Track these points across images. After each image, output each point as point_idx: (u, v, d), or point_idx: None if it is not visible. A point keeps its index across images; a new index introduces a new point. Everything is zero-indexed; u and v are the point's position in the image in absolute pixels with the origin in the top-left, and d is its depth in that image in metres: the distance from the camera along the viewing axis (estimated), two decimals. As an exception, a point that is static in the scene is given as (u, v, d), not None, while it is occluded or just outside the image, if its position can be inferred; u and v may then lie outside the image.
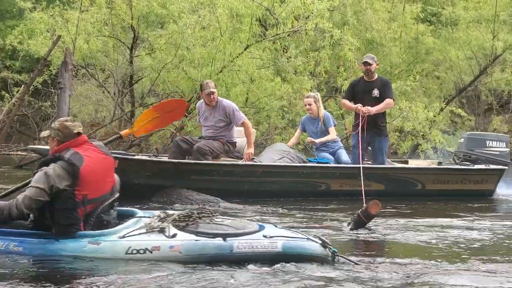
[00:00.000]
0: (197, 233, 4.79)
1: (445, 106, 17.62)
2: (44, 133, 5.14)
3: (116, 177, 5.19)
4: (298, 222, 7.21)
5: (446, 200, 9.43)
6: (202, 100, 9.40)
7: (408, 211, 8.58)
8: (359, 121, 9.43)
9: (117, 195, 5.14)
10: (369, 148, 9.93)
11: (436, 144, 14.33)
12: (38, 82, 15.75)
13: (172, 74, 13.96)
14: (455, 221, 7.54)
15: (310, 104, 9.90)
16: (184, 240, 4.76)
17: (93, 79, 16.57)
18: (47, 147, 9.35)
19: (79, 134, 4.98)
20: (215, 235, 4.77)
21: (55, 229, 4.82)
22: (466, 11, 19.13)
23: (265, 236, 4.79)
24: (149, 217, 5.03)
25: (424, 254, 5.51)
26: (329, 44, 14.62)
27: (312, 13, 13.86)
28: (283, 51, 15.46)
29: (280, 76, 15.05)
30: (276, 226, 5.10)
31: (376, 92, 9.54)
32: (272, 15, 14.70)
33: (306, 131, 10.25)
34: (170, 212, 5.17)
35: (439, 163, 10.62)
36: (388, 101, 9.59)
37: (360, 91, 9.62)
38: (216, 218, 5.02)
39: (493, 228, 7.12)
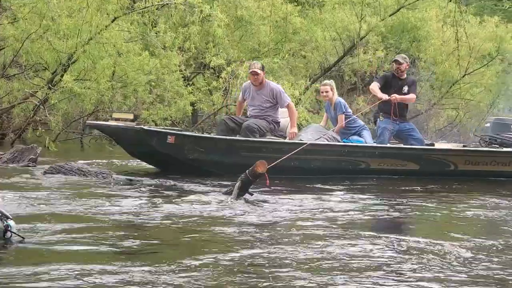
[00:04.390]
0: None
1: (311, 85, 18.05)
2: None
3: None
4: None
5: (475, 181, 10.10)
6: (249, 81, 10.20)
7: (434, 191, 9.21)
8: (390, 108, 10.45)
9: None
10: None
11: (301, 121, 14.64)
12: None
13: (36, 44, 13.48)
14: (478, 201, 8.05)
15: (327, 91, 10.51)
16: None
17: (-49, 47, 15.77)
18: (108, 123, 9.88)
19: None
20: None
21: None
22: (332, -8, 19.60)
23: None
24: None
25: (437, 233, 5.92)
26: (198, 20, 14.62)
27: (182, -13, 13.80)
28: (152, 25, 15.31)
29: (148, 51, 14.92)
30: None
31: (406, 89, 10.60)
32: (141, -13, 14.50)
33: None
34: None
35: (464, 146, 11.34)
36: (412, 96, 10.67)
37: (393, 87, 10.57)
38: None
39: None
